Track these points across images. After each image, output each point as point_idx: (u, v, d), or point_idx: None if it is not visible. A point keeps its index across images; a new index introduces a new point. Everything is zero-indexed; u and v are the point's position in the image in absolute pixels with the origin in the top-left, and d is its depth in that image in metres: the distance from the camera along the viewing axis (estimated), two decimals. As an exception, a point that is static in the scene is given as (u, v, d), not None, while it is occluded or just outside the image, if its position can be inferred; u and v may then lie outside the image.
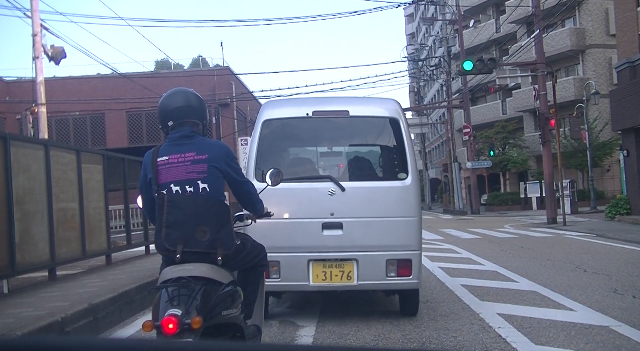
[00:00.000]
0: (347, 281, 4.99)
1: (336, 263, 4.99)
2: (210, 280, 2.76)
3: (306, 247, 5.02)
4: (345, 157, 5.72)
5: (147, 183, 3.03)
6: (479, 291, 6.32)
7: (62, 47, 15.81)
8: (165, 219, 2.82)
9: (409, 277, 5.02)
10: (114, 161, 8.70)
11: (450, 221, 23.43)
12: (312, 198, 5.07)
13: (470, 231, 16.50)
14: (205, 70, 42.28)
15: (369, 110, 5.48)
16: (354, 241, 5.00)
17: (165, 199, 2.85)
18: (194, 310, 2.57)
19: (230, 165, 3.04)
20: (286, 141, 5.65)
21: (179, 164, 2.91)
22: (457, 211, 32.67)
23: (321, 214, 5.02)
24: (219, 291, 2.77)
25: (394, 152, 5.40)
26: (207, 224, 2.83)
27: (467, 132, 29.34)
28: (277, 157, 5.37)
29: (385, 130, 5.41)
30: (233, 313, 2.86)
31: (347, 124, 5.43)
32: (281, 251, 4.88)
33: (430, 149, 55.82)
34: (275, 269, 4.95)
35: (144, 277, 6.45)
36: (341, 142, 5.77)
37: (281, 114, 5.38)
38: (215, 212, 2.88)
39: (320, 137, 5.67)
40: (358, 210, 5.02)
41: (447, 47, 33.32)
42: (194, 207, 2.84)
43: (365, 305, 5.94)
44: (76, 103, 40.13)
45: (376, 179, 5.38)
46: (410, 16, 72.87)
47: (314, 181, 5.16)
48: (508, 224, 19.82)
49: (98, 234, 7.67)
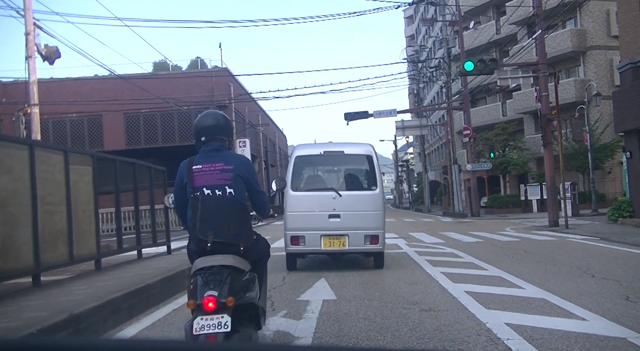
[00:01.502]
0: (342, 247, 8.57)
1: (336, 237, 8.56)
2: (234, 268, 3.28)
3: (319, 228, 8.54)
4: (342, 177, 9.32)
5: (182, 187, 3.62)
6: (484, 299, 6.02)
7: (56, 46, 15.54)
8: (199, 215, 3.36)
9: (378, 245, 8.64)
10: (105, 162, 8.40)
11: (450, 224, 23.15)
12: (323, 200, 8.59)
13: (472, 234, 16.21)
14: (204, 71, 42.00)
15: (355, 150, 9.06)
16: (346, 225, 8.53)
17: (199, 200, 3.42)
18: (226, 292, 3.08)
19: (251, 175, 3.69)
20: (308, 167, 9.20)
21: (210, 172, 3.53)
22: (457, 213, 32.38)
23: (328, 209, 8.55)
24: (242, 278, 3.30)
25: (368, 174, 8.96)
26: (232, 220, 3.42)
27: (467, 134, 29.06)
28: (303, 176, 8.98)
29: (364, 162, 8.99)
30: (252, 295, 3.40)
31: (343, 158, 9.12)
32: (305, 230, 8.54)
33: (430, 152, 55.57)
34: (302, 240, 8.56)
35: (132, 284, 6.14)
36: (339, 168, 9.51)
37: (306, 153, 8.97)
38: (239, 212, 3.49)
39: (327, 165, 9.56)
40: (349, 207, 8.56)
41: (447, 49, 33.07)
42: (222, 206, 3.45)
43: (353, 264, 9.77)
44: (73, 105, 39.82)
45: (359, 190, 8.83)
46: (410, 18, 72.73)
47: (324, 191, 8.71)
48: (509, 227, 19.53)
49: (87, 238, 7.36)
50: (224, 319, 3.02)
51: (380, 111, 29.99)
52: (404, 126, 36.52)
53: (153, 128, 40.56)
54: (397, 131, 36.59)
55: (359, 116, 29.46)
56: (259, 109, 55.33)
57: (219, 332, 2.99)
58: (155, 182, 10.37)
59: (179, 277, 7.16)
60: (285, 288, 7.17)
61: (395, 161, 75.19)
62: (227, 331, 3.00)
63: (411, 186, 63.20)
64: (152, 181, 9.96)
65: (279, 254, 9.61)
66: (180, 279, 7.10)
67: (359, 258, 9.84)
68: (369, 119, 30.52)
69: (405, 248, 12.10)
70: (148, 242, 10.16)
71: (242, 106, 45.29)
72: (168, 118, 40.40)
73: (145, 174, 9.86)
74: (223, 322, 3.02)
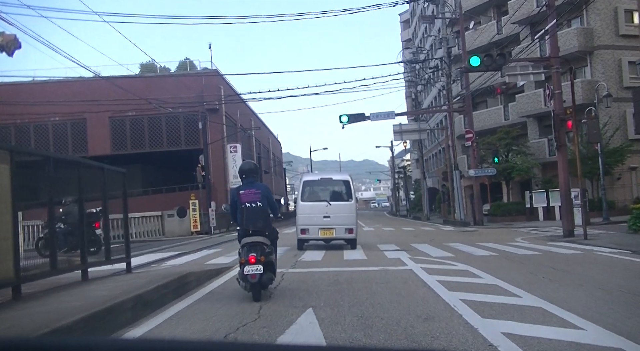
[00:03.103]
0: (331, 235, 13.97)
1: (327, 229, 13.86)
2: (263, 243, 6.71)
3: (317, 224, 13.86)
4: (330, 193, 14.48)
5: (234, 201, 7.06)
6: (537, 348, 4.28)
7: (15, 34, 13.76)
8: (245, 217, 6.82)
9: (352, 234, 13.95)
10: (36, 162, 6.65)
11: (454, 234, 21.43)
12: (320, 207, 13.94)
13: (481, 245, 14.50)
14: (193, 73, 40.21)
15: (338, 177, 14.97)
16: (333, 222, 13.82)
17: (245, 209, 6.87)
18: (259, 254, 6.48)
19: (270, 195, 7.19)
20: (310, 187, 14.50)
21: (249, 194, 6.95)
22: (458, 222, 30.69)
23: (322, 213, 13.80)
24: (266, 248, 6.72)
25: (347, 191, 14.27)
26: (261, 219, 6.87)
27: (470, 138, 27.43)
28: (308, 192, 14.35)
29: (344, 184, 14.46)
30: (271, 257, 6.85)
31: (331, 182, 14.83)
32: (309, 225, 13.97)
33: (427, 158, 53.92)
34: (307, 231, 14.04)
35: (39, 326, 4.35)
36: (329, 188, 14.64)
37: (310, 178, 15.25)
38: (264, 215, 6.96)
39: (322, 185, 14.71)
40: (335, 211, 13.79)
41: (447, 48, 31.49)
42: (256, 212, 6.88)
43: (339, 247, 14.69)
44: (57, 108, 37.97)
45: (341, 201, 14.12)
46: (407, 22, 71.40)
47: (320, 201, 14.09)
48: (519, 237, 17.85)
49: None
50: (259, 267, 6.42)
51: (378, 113, 28.35)
52: (402, 129, 34.89)
53: (140, 133, 38.69)
54: (394, 136, 34.91)
55: (355, 119, 27.80)
56: (251, 113, 53.59)
57: (257, 273, 6.38)
58: (112, 186, 8.60)
59: (117, 313, 5.38)
60: (258, 324, 5.40)
61: (392, 167, 73.56)
62: (260, 273, 6.40)
63: (408, 193, 61.48)
64: (105, 185, 8.19)
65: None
66: (118, 316, 5.34)
67: (342, 244, 14.82)
68: (365, 125, 28.88)
69: (410, 264, 10.36)
70: (102, 258, 8.39)
71: (233, 109, 43.54)
72: (156, 122, 38.55)
73: (98, 177, 8.10)
74: (259, 268, 6.41)
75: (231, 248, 14.65)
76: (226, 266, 10.67)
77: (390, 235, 21.49)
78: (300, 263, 11.30)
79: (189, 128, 37.21)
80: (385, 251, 13.40)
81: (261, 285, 6.52)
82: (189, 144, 37.50)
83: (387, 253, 13.05)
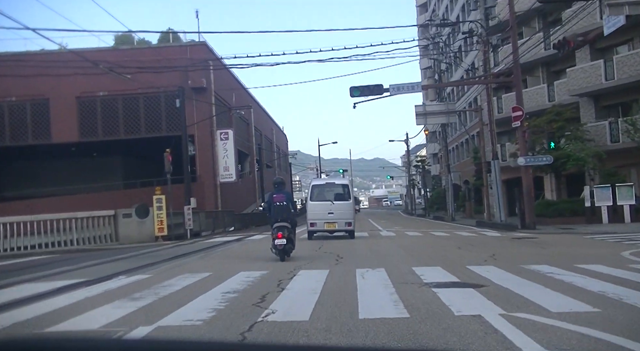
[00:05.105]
0: (335, 228, 18.45)
1: (331, 222, 18.38)
2: (287, 226, 11.60)
3: (323, 219, 18.40)
4: (334, 194, 19.07)
5: (269, 201, 12.20)
6: None
7: None
8: (276, 212, 11.82)
9: (351, 227, 18.42)
10: None
11: (511, 244, 15.28)
12: (325, 205, 18.45)
13: (591, 273, 8.37)
14: (177, 45, 34.10)
15: (340, 182, 21.17)
16: (336, 217, 18.33)
17: (276, 207, 11.89)
18: (285, 233, 11.38)
19: (291, 197, 12.65)
20: (318, 189, 19.34)
21: (279, 197, 12.00)
22: (498, 224, 24.49)
23: (327, 210, 18.35)
24: (289, 230, 11.65)
25: (347, 192, 19.27)
26: (285, 213, 11.85)
27: (519, 116, 21.24)
28: (316, 194, 19.01)
29: (344, 187, 19.70)
30: (292, 235, 11.83)
31: (334, 185, 19.99)
32: (317, 219, 18.49)
33: (450, 149, 47.61)
34: (315, 224, 18.50)
35: None
36: (332, 190, 19.34)
37: (317, 183, 20.70)
38: (288, 211, 11.98)
39: (327, 188, 19.60)
40: (337, 209, 18.41)
41: (485, 9, 25.26)
42: (283, 209, 11.89)
43: (341, 237, 18.52)
44: (13, 86, 32.17)
45: (341, 200, 18.72)
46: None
47: (325, 201, 18.68)
48: (623, 251, 11.72)
49: None
50: (285, 240, 11.21)
51: (399, 85, 22.27)
52: (426, 111, 28.78)
53: (113, 116, 32.52)
54: (417, 119, 28.76)
55: (370, 92, 21.70)
56: (251, 99, 47.57)
57: (282, 243, 11.16)
58: None
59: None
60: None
61: (407, 162, 67.40)
62: (284, 243, 11.19)
63: (426, 189, 55.26)
64: None
65: None
66: None
67: (343, 235, 18.62)
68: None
69: (512, 336, 4.25)
70: None
71: (228, 95, 37.51)
72: (132, 103, 32.39)
73: None
74: (285, 242, 11.18)
75: (177, 269, 8.53)
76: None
77: (422, 245, 15.39)
78: (269, 324, 5.26)
79: (171, 111, 30.96)
80: (435, 289, 7.10)
81: (284, 252, 11.25)
82: (172, 130, 31.39)
83: (440, 292, 6.80)
